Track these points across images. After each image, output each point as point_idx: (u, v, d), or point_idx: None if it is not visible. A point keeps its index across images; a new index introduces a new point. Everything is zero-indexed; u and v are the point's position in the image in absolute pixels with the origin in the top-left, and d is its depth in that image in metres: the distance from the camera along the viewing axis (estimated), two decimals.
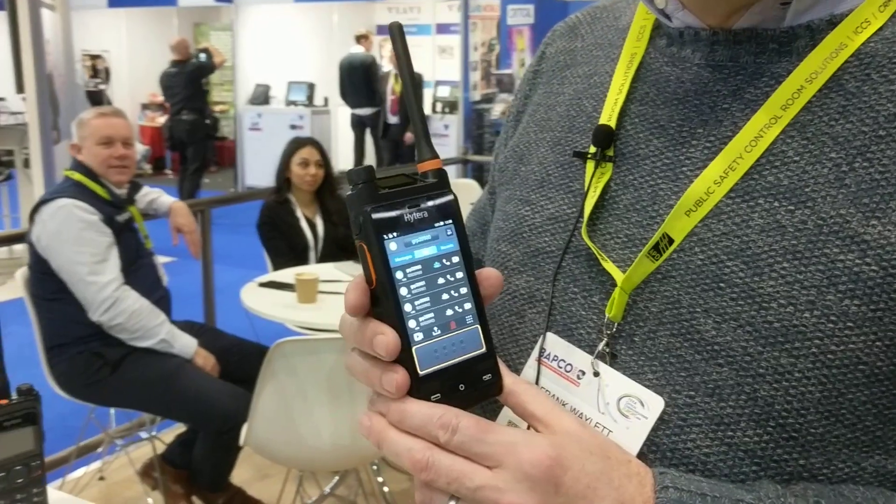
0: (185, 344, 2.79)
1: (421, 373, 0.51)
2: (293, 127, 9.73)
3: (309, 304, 2.91)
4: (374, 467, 3.02)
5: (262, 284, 3.16)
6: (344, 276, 3.24)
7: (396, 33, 0.54)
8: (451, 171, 6.82)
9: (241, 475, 2.99)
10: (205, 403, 2.70)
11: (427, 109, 9.34)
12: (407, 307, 0.51)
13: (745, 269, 0.56)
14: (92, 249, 2.69)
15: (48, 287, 2.74)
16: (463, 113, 7.94)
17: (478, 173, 7.14)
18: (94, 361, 2.72)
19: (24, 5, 5.08)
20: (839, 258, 0.54)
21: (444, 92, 9.28)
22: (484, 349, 0.53)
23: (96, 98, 11.13)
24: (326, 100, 10.33)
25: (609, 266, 0.61)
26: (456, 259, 0.53)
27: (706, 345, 0.56)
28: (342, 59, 9.16)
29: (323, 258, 3.70)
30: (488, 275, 0.56)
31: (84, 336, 2.72)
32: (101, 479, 3.23)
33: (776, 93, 0.58)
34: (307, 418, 2.37)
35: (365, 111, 9.20)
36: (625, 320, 0.60)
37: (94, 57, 11.45)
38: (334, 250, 3.72)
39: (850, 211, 0.54)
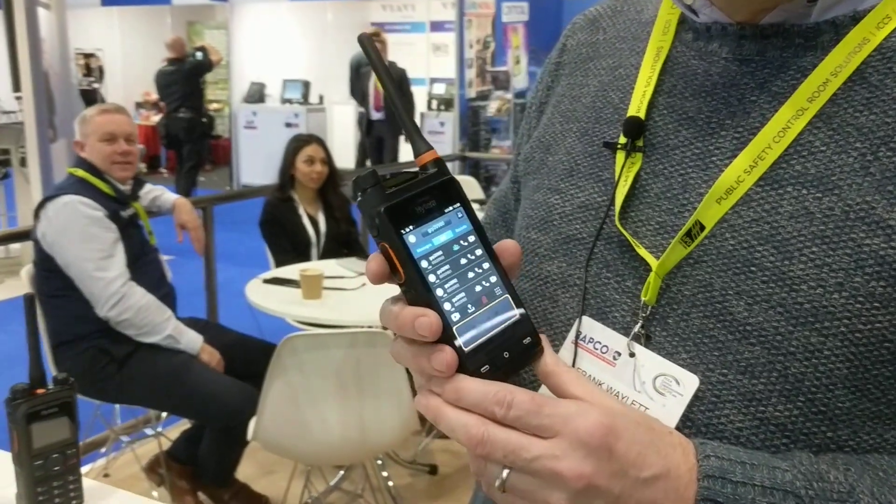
0: (192, 339, 2.80)
1: (466, 349, 0.53)
2: (288, 125, 9.73)
3: (314, 299, 2.93)
4: (379, 462, 3.04)
5: (267, 281, 3.18)
6: (347, 273, 3.26)
7: (367, 44, 0.57)
8: (452, 168, 6.83)
9: (246, 471, 3.00)
10: (211, 399, 2.72)
11: (423, 107, 9.35)
12: (439, 292, 0.54)
13: (776, 253, 0.58)
14: (98, 245, 2.70)
15: (54, 284, 2.74)
16: (458, 110, 7.95)
17: (474, 170, 7.16)
18: (101, 358, 2.73)
19: (21, 4, 5.08)
20: (865, 242, 0.56)
21: (439, 89, 9.29)
22: (518, 315, 0.56)
23: (90, 97, 11.10)
24: (322, 97, 10.33)
25: (643, 252, 0.63)
26: (472, 238, 0.56)
27: (738, 325, 0.58)
28: (351, 58, 9.20)
29: (324, 255, 3.72)
30: (507, 246, 0.58)
31: (90, 333, 2.73)
32: (107, 475, 3.24)
33: (802, 85, 0.60)
34: (316, 413, 2.39)
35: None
36: (658, 303, 0.62)
37: (88, 55, 11.41)
38: (336, 247, 3.74)
39: (875, 198, 0.57)
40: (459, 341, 0.53)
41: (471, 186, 5.46)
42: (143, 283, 2.77)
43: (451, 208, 0.56)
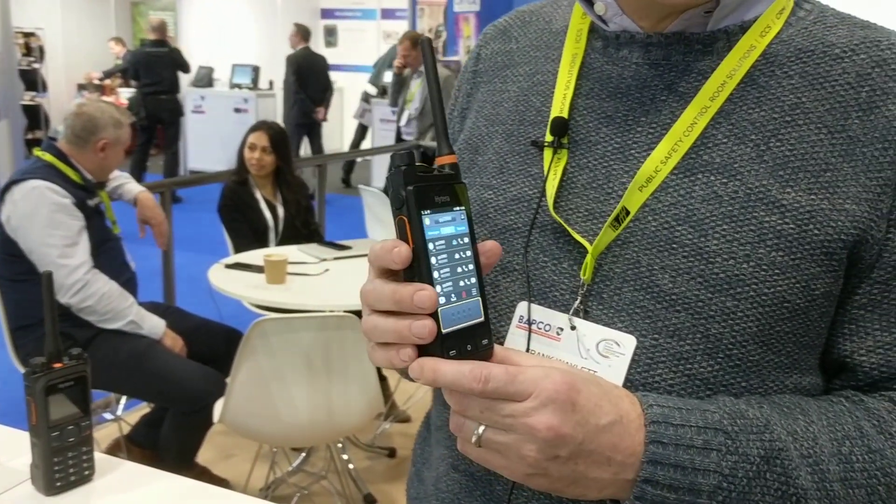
0: (154, 325, 2.81)
1: (444, 331, 0.60)
2: (237, 110, 9.64)
3: (278, 284, 2.96)
4: (340, 445, 3.09)
5: (229, 266, 3.19)
6: (309, 258, 3.29)
7: (427, 48, 0.65)
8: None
9: (204, 455, 3.01)
10: (175, 383, 2.73)
11: (373, 92, 9.34)
12: (435, 274, 0.61)
13: (693, 231, 0.68)
14: (63, 232, 2.68)
15: (15, 268, 2.72)
16: None
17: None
18: (62, 342, 2.72)
19: None
20: (766, 220, 0.67)
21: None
22: (482, 318, 0.63)
23: (30, 77, 10.80)
24: (272, 83, 10.24)
25: (578, 236, 0.72)
26: (466, 240, 0.63)
27: (665, 295, 0.68)
28: (387, 61, 9.31)
29: (283, 240, 3.74)
30: (490, 246, 0.67)
31: (36, 318, 2.72)
32: None
33: (705, 87, 0.71)
34: (284, 395, 2.43)
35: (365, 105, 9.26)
36: (593, 281, 0.71)
37: (28, 35, 11.09)
38: (294, 233, 3.76)
39: (770, 182, 0.68)
40: (441, 322, 0.60)
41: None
42: (105, 270, 2.77)
43: (458, 208, 0.63)
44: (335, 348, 2.40)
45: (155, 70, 8.38)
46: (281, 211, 3.79)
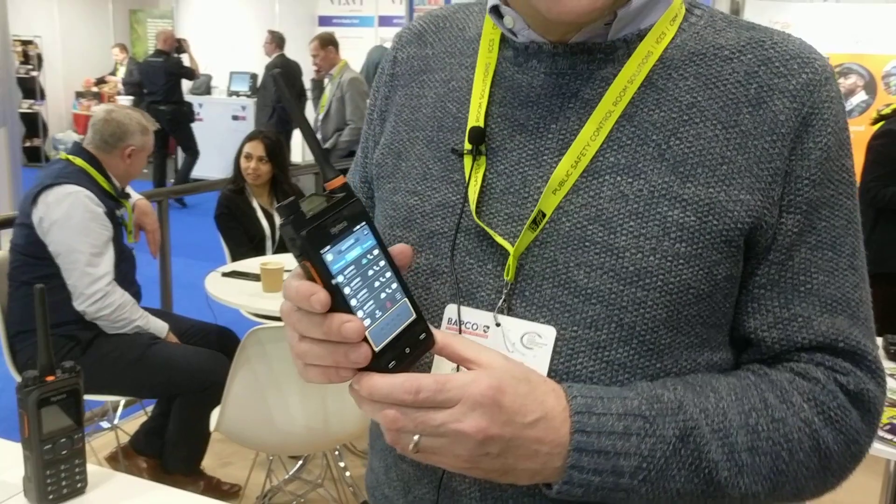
0: (158, 328, 2.85)
1: (376, 349, 0.63)
2: (235, 118, 9.65)
3: (275, 292, 2.97)
4: (336, 452, 3.09)
5: (226, 274, 3.20)
6: None
7: (280, 81, 0.71)
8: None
9: (202, 463, 3.02)
10: (181, 368, 2.78)
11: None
12: (353, 301, 0.63)
13: (602, 230, 0.73)
14: (92, 240, 2.70)
15: (36, 271, 2.71)
16: None
17: None
18: (65, 344, 2.73)
19: None
20: (669, 214, 0.72)
21: None
22: (415, 315, 0.67)
23: (28, 85, 10.83)
24: None
25: (500, 239, 0.76)
26: (376, 251, 0.66)
27: (581, 290, 0.73)
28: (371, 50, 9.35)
29: (280, 248, 3.75)
30: (400, 250, 0.72)
31: (63, 322, 2.72)
32: None
33: (607, 93, 0.75)
34: (280, 403, 2.43)
35: None
36: (516, 280, 0.75)
37: (26, 43, 11.11)
38: None
39: (671, 178, 0.73)
40: (371, 343, 0.63)
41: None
42: (119, 280, 2.79)
43: (358, 227, 0.65)
44: None
45: (152, 80, 8.50)
46: (278, 219, 3.80)
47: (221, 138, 8.83)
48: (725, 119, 0.74)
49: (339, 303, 0.62)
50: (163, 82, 8.48)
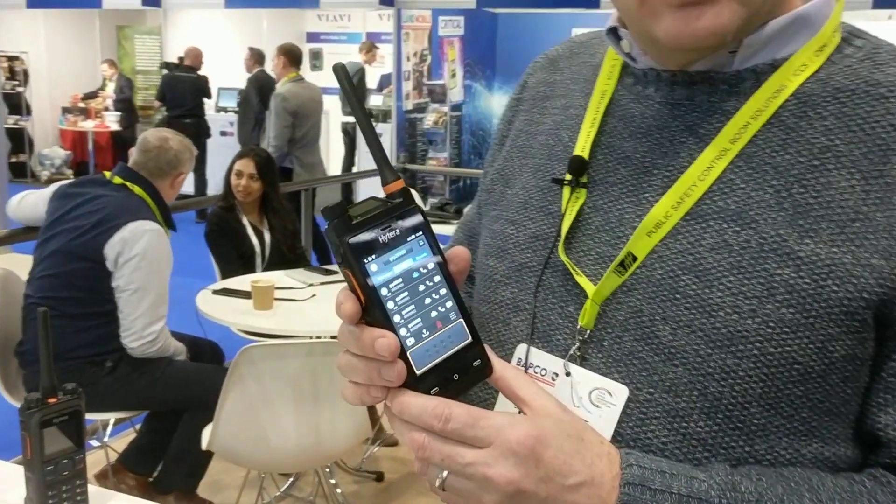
0: (179, 350, 2.87)
1: (418, 372, 0.58)
2: (223, 133, 9.64)
3: (265, 310, 2.98)
4: (327, 470, 3.10)
5: (216, 292, 3.21)
6: (296, 284, 3.31)
7: (341, 74, 0.61)
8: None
9: None
10: (198, 382, 2.79)
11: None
12: (396, 318, 0.58)
13: (698, 282, 0.65)
14: (161, 281, 2.70)
15: (78, 302, 2.67)
16: (396, 122, 8.03)
17: (411, 181, 7.25)
18: (89, 369, 2.70)
19: None
20: (777, 272, 0.63)
21: (376, 101, 9.36)
22: (470, 339, 0.60)
23: (14, 101, 10.80)
24: None
25: (582, 280, 0.70)
26: (431, 265, 0.59)
27: (664, 348, 0.65)
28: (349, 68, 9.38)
29: (269, 266, 3.76)
30: (457, 252, 0.63)
31: (101, 353, 2.71)
32: None
33: (725, 128, 0.67)
34: (272, 421, 2.44)
35: (349, 119, 9.32)
36: (596, 327, 0.68)
37: (12, 58, 11.09)
38: (281, 258, 3.79)
39: (787, 231, 0.63)
40: (413, 365, 0.58)
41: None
42: None
43: (413, 237, 0.59)
44: (322, 374, 2.41)
45: (179, 94, 8.65)
46: (268, 236, 3.82)
47: (208, 155, 8.82)
48: (867, 168, 0.63)
49: (378, 317, 0.57)
50: (190, 97, 8.67)
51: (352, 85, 0.61)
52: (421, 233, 0.60)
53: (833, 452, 0.64)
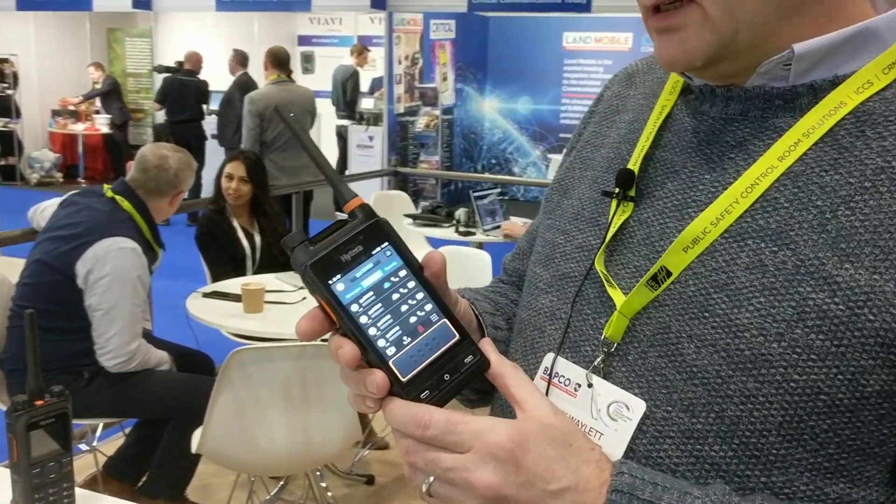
0: (161, 360, 2.84)
1: (404, 379, 0.58)
2: (214, 136, 9.62)
3: (255, 313, 2.97)
4: (318, 473, 3.09)
5: (206, 295, 3.20)
6: (286, 287, 3.30)
7: (286, 119, 0.65)
8: (381, 183, 6.90)
9: None
10: (185, 390, 2.76)
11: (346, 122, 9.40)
12: (371, 331, 0.58)
13: (728, 301, 0.63)
14: (136, 301, 2.64)
15: (52, 317, 2.63)
16: (387, 125, 8.04)
17: (402, 184, 7.25)
18: (67, 377, 2.64)
19: None
20: (811, 296, 0.60)
21: (367, 104, 9.36)
22: (457, 337, 0.60)
23: (3, 103, 10.76)
24: None
25: (613, 292, 0.69)
26: (403, 273, 0.60)
27: (686, 366, 0.63)
28: (335, 70, 9.55)
29: (260, 268, 3.75)
30: (430, 256, 0.63)
31: (76, 366, 2.68)
32: None
33: (775, 145, 0.65)
34: (262, 424, 2.43)
35: (342, 122, 9.33)
36: (623, 341, 0.67)
37: (2, 61, 11.04)
38: (272, 261, 3.78)
39: (826, 254, 0.60)
40: (397, 373, 0.58)
41: (403, 200, 5.56)
42: None
43: (378, 249, 0.60)
44: (313, 377, 2.41)
45: (183, 98, 8.77)
46: (258, 239, 3.81)
47: (198, 157, 8.85)
48: None
49: (354, 335, 0.58)
50: (193, 101, 8.79)
51: (291, 126, 0.65)
52: (387, 244, 0.60)
53: (862, 496, 0.60)
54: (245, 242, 3.77)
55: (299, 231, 0.60)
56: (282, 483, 3.12)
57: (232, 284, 3.28)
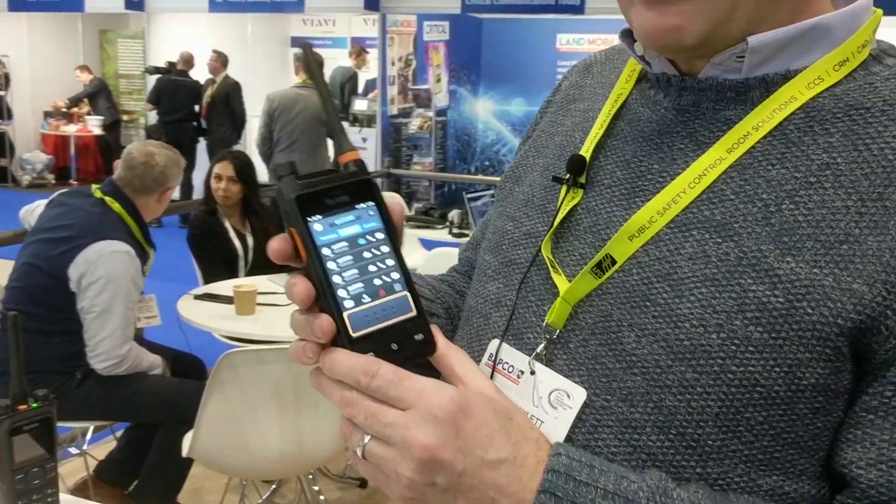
0: (154, 365, 2.82)
1: (353, 335, 0.57)
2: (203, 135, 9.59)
3: (247, 315, 2.95)
4: (310, 476, 3.07)
5: (198, 297, 3.18)
6: (279, 289, 3.28)
7: (308, 53, 0.67)
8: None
9: None
10: (178, 394, 2.74)
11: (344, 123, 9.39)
12: (335, 279, 0.58)
13: (670, 291, 0.63)
14: (127, 304, 2.63)
15: (43, 323, 2.61)
16: (381, 126, 8.02)
17: (395, 185, 7.24)
18: (57, 379, 2.65)
19: None
20: (751, 288, 0.60)
21: (361, 105, 9.34)
22: (414, 312, 0.59)
23: None
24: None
25: (558, 278, 0.69)
26: (380, 235, 0.60)
27: (626, 355, 0.63)
28: (333, 72, 9.60)
29: (253, 270, 3.73)
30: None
31: (60, 369, 2.66)
32: None
33: (724, 137, 0.65)
34: (254, 427, 2.41)
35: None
36: (565, 328, 0.67)
37: None
38: (264, 262, 3.75)
39: (769, 247, 0.60)
40: (349, 327, 0.57)
41: (396, 201, 5.54)
42: None
43: (363, 205, 0.59)
44: (305, 379, 2.37)
45: (178, 98, 8.75)
46: (250, 240, 3.79)
47: (189, 158, 8.83)
48: (867, 189, 0.60)
49: (317, 277, 0.57)
50: (188, 101, 8.77)
51: (314, 62, 0.63)
52: (372, 203, 0.60)
53: (794, 489, 0.61)
54: (237, 243, 3.75)
55: (292, 162, 0.59)
56: (274, 486, 3.11)
57: (223, 286, 3.26)
